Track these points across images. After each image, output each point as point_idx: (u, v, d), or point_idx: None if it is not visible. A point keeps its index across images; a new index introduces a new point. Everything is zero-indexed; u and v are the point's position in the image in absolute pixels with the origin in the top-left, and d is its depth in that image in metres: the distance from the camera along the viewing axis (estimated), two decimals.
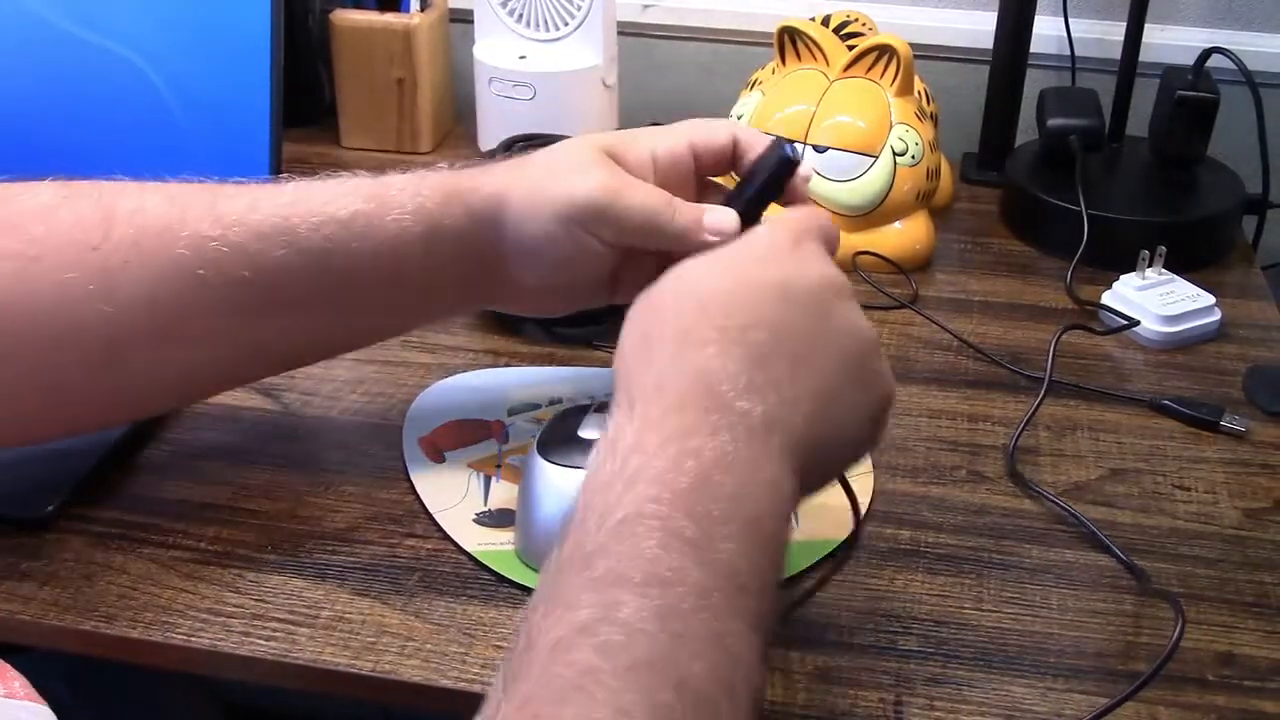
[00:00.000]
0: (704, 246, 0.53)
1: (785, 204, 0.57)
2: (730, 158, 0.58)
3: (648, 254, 0.56)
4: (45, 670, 0.50)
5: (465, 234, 0.56)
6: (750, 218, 0.55)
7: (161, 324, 0.54)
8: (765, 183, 0.56)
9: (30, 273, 0.52)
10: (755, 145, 0.57)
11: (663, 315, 0.46)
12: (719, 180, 0.61)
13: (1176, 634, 0.52)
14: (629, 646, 0.36)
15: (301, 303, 0.56)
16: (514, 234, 0.57)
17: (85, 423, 0.59)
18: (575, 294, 0.61)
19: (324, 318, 0.58)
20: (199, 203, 0.54)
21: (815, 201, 0.58)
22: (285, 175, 0.57)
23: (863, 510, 0.54)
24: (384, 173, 0.57)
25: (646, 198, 0.55)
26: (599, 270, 0.57)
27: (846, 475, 0.51)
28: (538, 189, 0.56)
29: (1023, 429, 0.68)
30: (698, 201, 0.57)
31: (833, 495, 0.62)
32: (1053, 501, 0.63)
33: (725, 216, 0.55)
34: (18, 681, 0.46)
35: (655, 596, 0.37)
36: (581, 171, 0.55)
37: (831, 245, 0.52)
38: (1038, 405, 0.70)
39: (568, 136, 0.84)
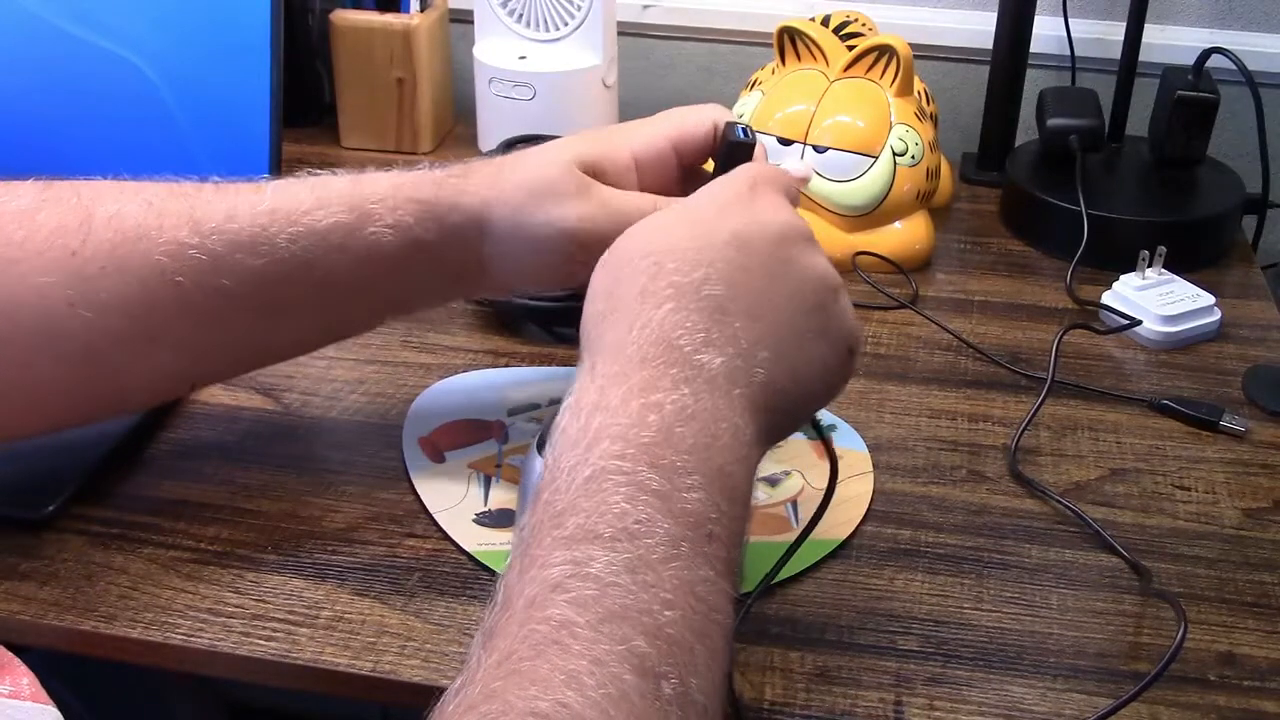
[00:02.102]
0: None
1: None
2: (712, 146, 0.59)
3: None
4: (48, 670, 0.50)
5: (445, 249, 0.57)
6: None
7: (139, 328, 0.54)
8: (724, 169, 0.56)
9: (9, 276, 0.52)
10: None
11: (621, 274, 0.47)
12: (707, 167, 0.61)
13: (1179, 637, 0.52)
14: (601, 599, 0.36)
15: (279, 308, 0.56)
16: (496, 251, 0.57)
17: (63, 421, 0.59)
18: (562, 284, 0.62)
19: (302, 320, 0.58)
20: (177, 209, 0.54)
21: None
22: (265, 177, 0.57)
23: (839, 473, 0.55)
24: (364, 171, 0.57)
25: (627, 217, 0.55)
26: (586, 272, 0.58)
27: (822, 426, 0.52)
28: (518, 212, 0.56)
29: (1024, 428, 0.68)
30: (683, 192, 0.57)
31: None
32: (1058, 501, 0.63)
33: None
34: (26, 679, 0.46)
35: (625, 549, 0.38)
36: (561, 200, 0.56)
37: (792, 195, 0.52)
38: (1039, 405, 0.70)
39: None
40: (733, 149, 0.57)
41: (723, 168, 0.56)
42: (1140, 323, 0.77)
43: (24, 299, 0.52)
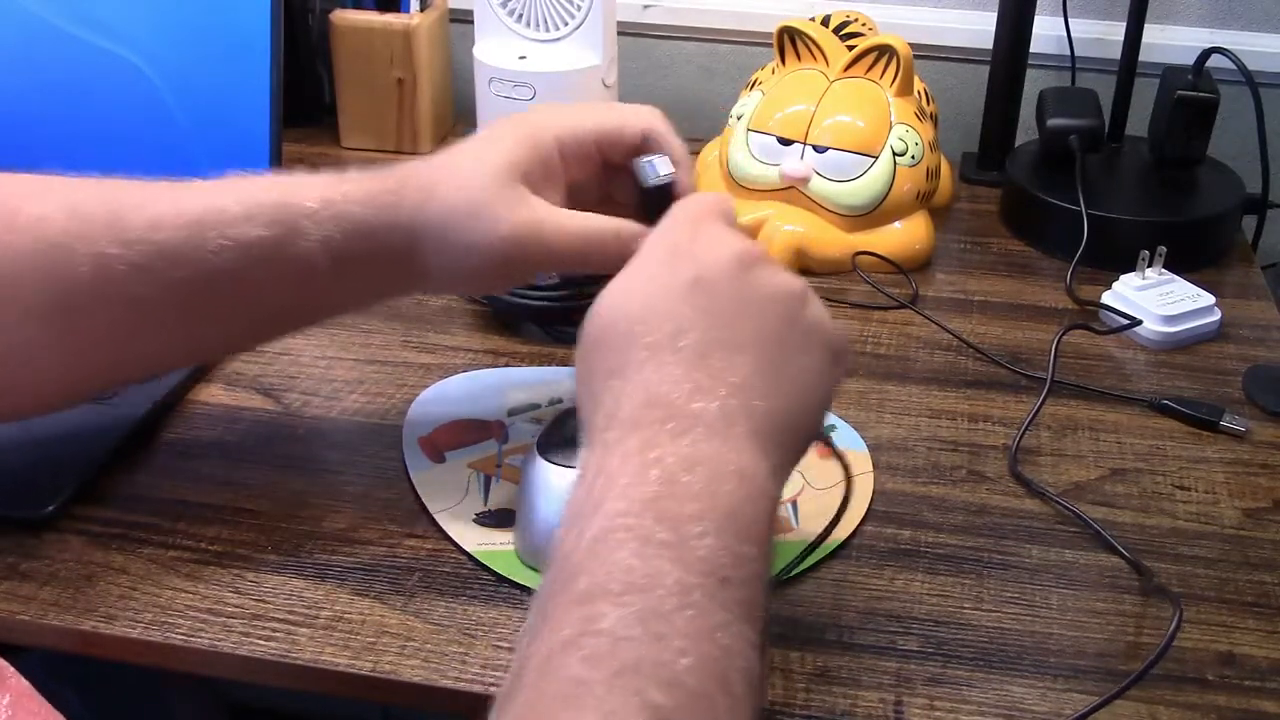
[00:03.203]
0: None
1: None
2: (638, 150, 0.58)
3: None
4: (49, 670, 0.50)
5: (376, 264, 0.57)
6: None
7: (56, 338, 0.54)
8: (651, 208, 0.55)
9: None
10: (663, 143, 0.57)
11: (597, 351, 0.47)
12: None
13: (1173, 626, 0.52)
14: (614, 654, 0.36)
15: (203, 316, 0.56)
16: (430, 263, 0.56)
17: None
18: (500, 289, 0.63)
19: (226, 327, 0.58)
20: (100, 216, 0.53)
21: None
22: (193, 180, 0.56)
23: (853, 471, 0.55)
24: (294, 173, 0.56)
25: (562, 231, 0.55)
26: (524, 277, 0.59)
27: (829, 436, 0.51)
28: (454, 230, 0.55)
29: (1025, 428, 0.68)
30: (604, 183, 0.58)
31: (831, 497, 0.63)
32: (1056, 502, 0.63)
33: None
34: (8, 698, 0.45)
35: (635, 603, 0.37)
36: (498, 217, 0.55)
37: (729, 217, 0.52)
38: (1040, 405, 0.70)
39: None
40: (650, 192, 0.56)
41: (647, 206, 0.56)
42: (1140, 323, 0.77)
43: None
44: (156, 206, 0.54)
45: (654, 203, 0.55)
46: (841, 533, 0.60)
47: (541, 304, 0.76)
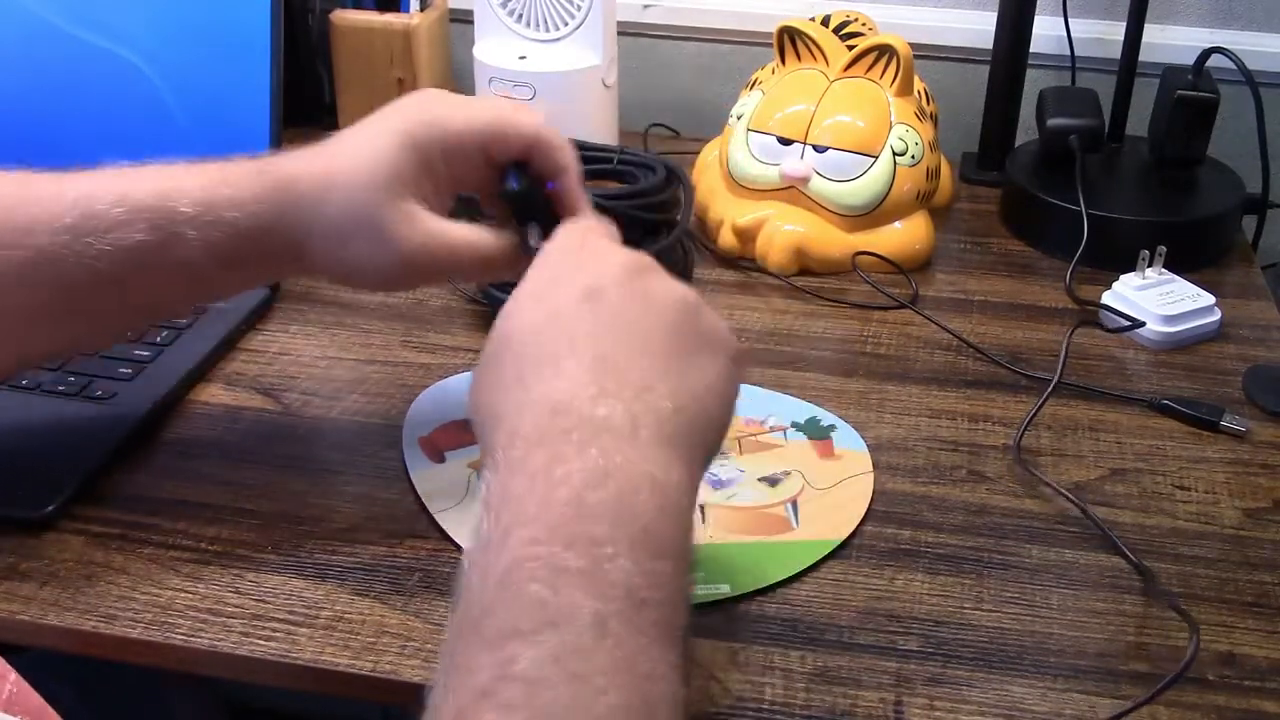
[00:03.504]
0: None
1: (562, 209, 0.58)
2: (525, 151, 0.58)
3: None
4: (48, 670, 0.50)
5: (261, 266, 0.58)
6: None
7: None
8: (527, 213, 0.57)
9: None
10: (551, 152, 0.57)
11: (495, 365, 0.46)
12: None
13: (1191, 652, 0.52)
14: (531, 699, 0.34)
15: (87, 314, 0.56)
16: (316, 268, 0.57)
17: None
18: (388, 291, 0.65)
19: (113, 321, 0.59)
20: None
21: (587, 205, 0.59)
22: (71, 171, 0.55)
23: None
24: (173, 165, 0.56)
25: (450, 244, 0.56)
26: (413, 283, 0.62)
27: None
28: (340, 244, 0.56)
29: (1025, 427, 0.68)
30: (488, 179, 0.58)
31: (831, 497, 0.63)
32: (1067, 499, 0.63)
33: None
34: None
35: (549, 642, 0.35)
36: (385, 234, 0.55)
37: (614, 236, 0.53)
38: (1042, 404, 0.70)
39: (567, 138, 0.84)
40: (514, 197, 0.57)
41: (516, 211, 0.57)
42: (1144, 324, 0.77)
43: None
44: (33, 209, 0.53)
45: (521, 205, 0.57)
46: (841, 533, 0.60)
47: None
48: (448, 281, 0.63)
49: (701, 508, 0.62)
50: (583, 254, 0.49)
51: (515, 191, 0.57)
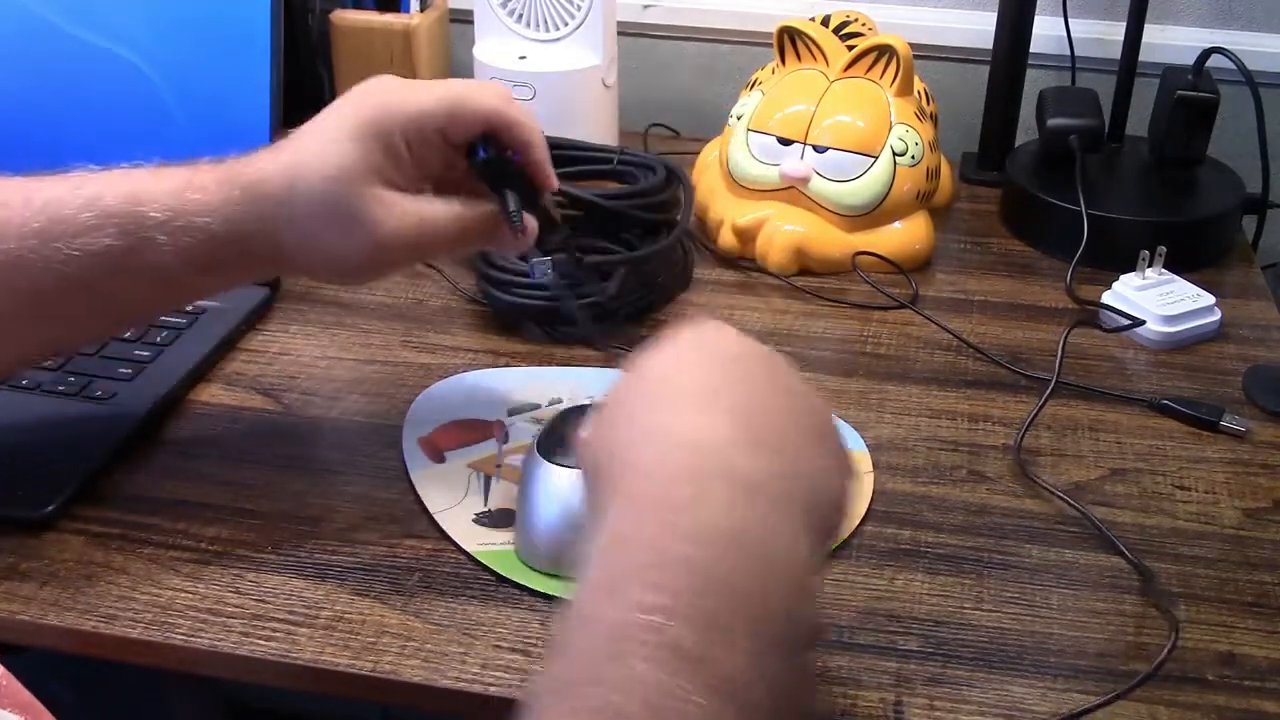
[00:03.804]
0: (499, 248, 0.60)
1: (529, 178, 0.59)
2: (486, 130, 0.58)
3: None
4: (48, 670, 0.50)
5: (234, 268, 0.57)
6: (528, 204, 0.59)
7: None
8: (501, 181, 0.58)
9: None
10: (513, 128, 0.58)
11: (629, 408, 0.43)
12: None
13: (1170, 645, 0.52)
14: None
15: (59, 318, 0.56)
16: (290, 266, 0.59)
17: None
18: (367, 283, 0.67)
19: (85, 325, 0.59)
20: None
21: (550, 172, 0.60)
22: (44, 175, 0.56)
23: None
24: (137, 169, 0.56)
25: (424, 224, 0.56)
26: (391, 270, 0.60)
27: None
28: (313, 240, 0.56)
29: (1027, 428, 0.68)
30: (446, 160, 0.58)
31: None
32: (1063, 500, 0.63)
33: (511, 236, 0.59)
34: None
35: None
36: (356, 224, 0.55)
37: None
38: (1043, 404, 0.70)
39: (568, 138, 0.84)
40: (484, 166, 0.58)
41: (489, 180, 0.59)
42: (1144, 323, 0.77)
43: None
44: (2, 213, 0.53)
45: (491, 179, 0.58)
46: (841, 533, 0.60)
47: (541, 304, 0.76)
48: (431, 261, 0.63)
49: None
50: (723, 329, 0.46)
51: (484, 160, 0.58)
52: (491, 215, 0.59)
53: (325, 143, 0.56)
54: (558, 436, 0.60)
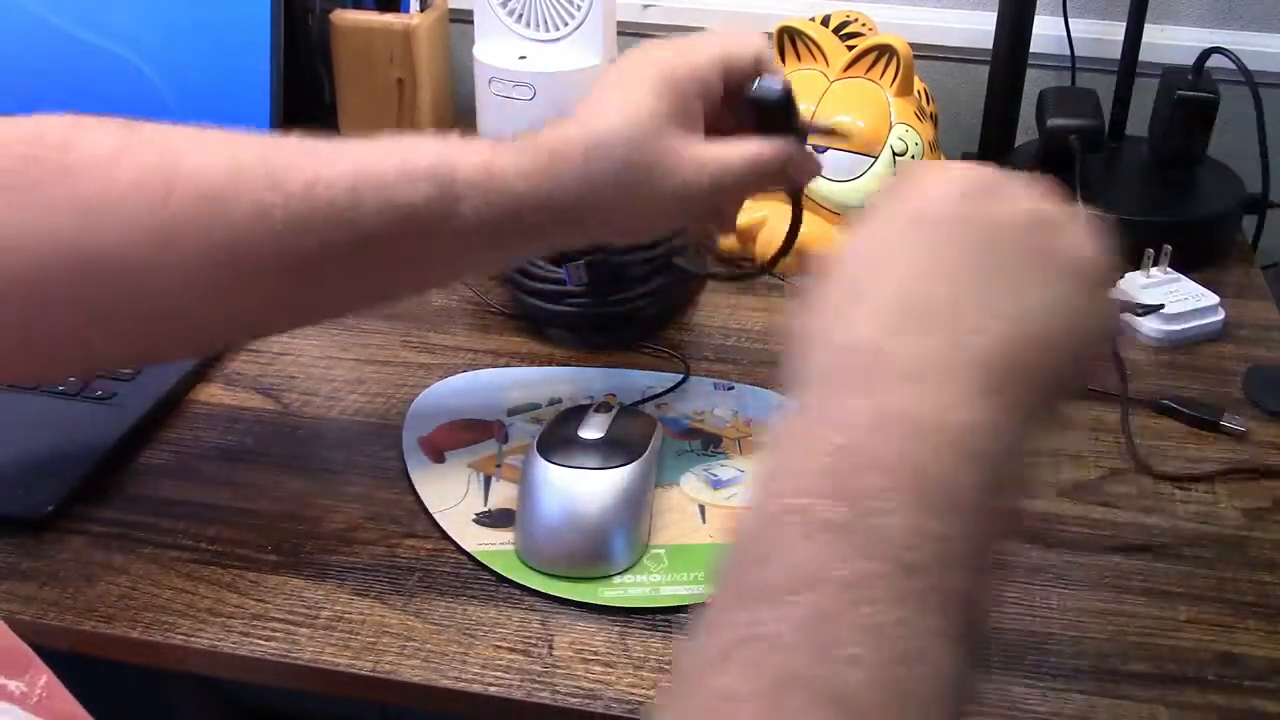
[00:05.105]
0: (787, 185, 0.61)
1: None
2: (755, 75, 0.60)
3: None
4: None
5: (539, 233, 0.57)
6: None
7: (217, 283, 0.54)
8: (774, 122, 0.59)
9: (91, 224, 0.52)
10: (771, 65, 0.60)
11: (818, 299, 0.42)
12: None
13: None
14: (771, 662, 0.31)
15: (359, 273, 0.56)
16: (591, 230, 0.59)
17: (136, 362, 0.68)
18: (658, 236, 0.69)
19: (381, 284, 0.59)
20: (260, 169, 0.54)
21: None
22: (341, 138, 0.56)
23: None
24: (447, 140, 0.56)
25: (728, 171, 0.57)
26: (684, 220, 0.62)
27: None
28: (623, 196, 0.56)
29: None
30: (729, 119, 0.59)
31: None
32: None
33: (806, 161, 0.60)
34: (44, 677, 0.43)
35: (798, 603, 0.32)
36: (660, 176, 0.56)
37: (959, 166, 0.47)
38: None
39: None
40: (782, 95, 0.59)
41: (770, 121, 0.59)
42: (1162, 306, 0.77)
43: (105, 246, 0.52)
44: (313, 165, 0.54)
45: (777, 116, 0.59)
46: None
47: (540, 305, 0.76)
48: (721, 208, 0.62)
49: (701, 508, 0.62)
50: (923, 179, 0.44)
51: (782, 89, 0.59)
52: (778, 152, 0.58)
53: (623, 101, 0.57)
54: (558, 436, 0.60)
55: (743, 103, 0.59)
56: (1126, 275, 0.81)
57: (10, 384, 0.70)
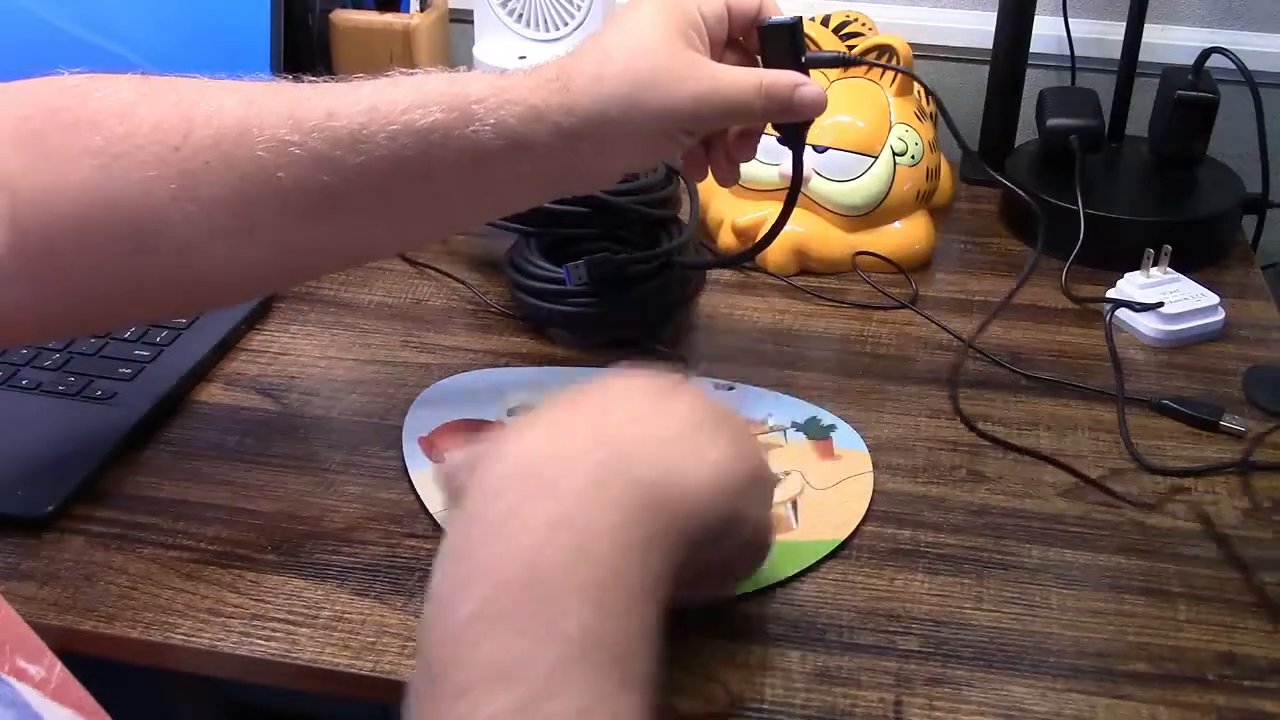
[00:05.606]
0: (792, 116, 0.60)
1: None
2: (757, 17, 0.60)
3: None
4: None
5: (549, 151, 0.57)
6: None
7: (240, 224, 0.54)
8: (781, 53, 0.60)
9: (114, 170, 0.52)
10: (771, 9, 0.60)
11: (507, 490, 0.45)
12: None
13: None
14: None
15: (378, 206, 0.57)
16: (602, 149, 0.58)
17: (159, 314, 0.68)
18: (661, 162, 0.70)
19: (400, 219, 0.59)
20: (277, 106, 0.54)
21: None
22: (359, 76, 0.57)
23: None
24: (458, 70, 0.57)
25: (737, 93, 0.57)
26: (688, 145, 0.61)
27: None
28: (629, 109, 0.56)
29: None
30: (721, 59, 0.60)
31: (831, 497, 0.63)
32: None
33: (814, 92, 0.60)
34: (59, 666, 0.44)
35: (507, 694, 0.37)
36: (672, 86, 0.56)
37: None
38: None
39: None
40: (792, 24, 0.60)
41: (767, 52, 0.60)
42: (1161, 304, 0.77)
43: (127, 191, 0.52)
44: (331, 98, 0.55)
45: (784, 47, 0.60)
46: (841, 533, 0.60)
47: (539, 305, 0.76)
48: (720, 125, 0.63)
49: None
50: (630, 380, 0.50)
51: (778, 25, 0.60)
52: (787, 80, 0.59)
53: (630, 21, 0.58)
54: None
55: (751, 37, 0.61)
56: (1126, 275, 0.81)
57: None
